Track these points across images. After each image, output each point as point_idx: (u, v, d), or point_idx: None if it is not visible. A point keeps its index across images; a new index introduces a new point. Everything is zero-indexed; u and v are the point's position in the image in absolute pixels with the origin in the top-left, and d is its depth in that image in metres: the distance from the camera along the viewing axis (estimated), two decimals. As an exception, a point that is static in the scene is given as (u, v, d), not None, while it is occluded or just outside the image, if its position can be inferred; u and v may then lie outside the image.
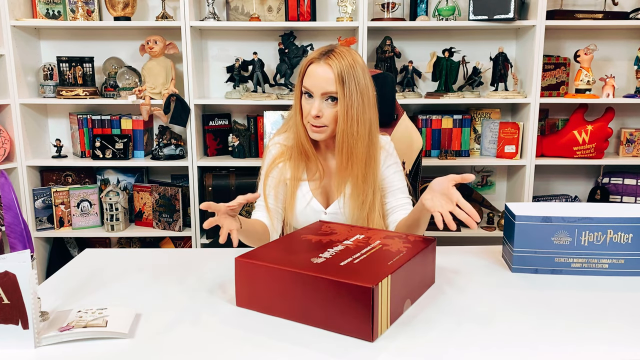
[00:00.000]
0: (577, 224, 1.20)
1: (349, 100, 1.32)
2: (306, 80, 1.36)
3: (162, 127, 2.71)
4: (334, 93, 1.33)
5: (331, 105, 1.35)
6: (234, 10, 2.68)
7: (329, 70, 1.32)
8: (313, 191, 1.45)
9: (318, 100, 1.34)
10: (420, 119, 2.71)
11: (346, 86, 1.31)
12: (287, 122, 1.51)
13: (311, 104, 1.35)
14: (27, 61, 2.65)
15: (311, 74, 1.35)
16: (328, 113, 1.35)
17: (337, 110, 1.34)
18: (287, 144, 1.47)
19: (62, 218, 2.69)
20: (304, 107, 1.38)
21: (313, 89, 1.34)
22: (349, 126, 1.33)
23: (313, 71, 1.34)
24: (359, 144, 1.36)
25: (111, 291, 1.16)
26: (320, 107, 1.34)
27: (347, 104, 1.32)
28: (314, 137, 1.39)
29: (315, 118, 1.34)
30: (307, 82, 1.35)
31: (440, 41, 2.76)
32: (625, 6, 2.69)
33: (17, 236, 1.01)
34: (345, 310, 0.93)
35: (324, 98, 1.34)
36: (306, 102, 1.37)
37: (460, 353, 0.89)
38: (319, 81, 1.33)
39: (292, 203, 1.45)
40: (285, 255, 1.07)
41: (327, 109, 1.35)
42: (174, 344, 0.92)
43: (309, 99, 1.36)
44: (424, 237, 1.19)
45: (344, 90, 1.32)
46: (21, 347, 0.89)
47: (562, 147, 2.66)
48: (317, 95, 1.34)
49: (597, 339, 0.93)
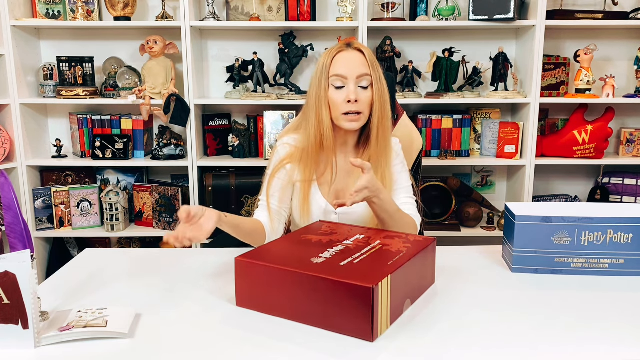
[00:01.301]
0: (577, 224, 1.20)
1: (380, 84, 1.38)
2: (337, 69, 1.36)
3: (162, 127, 2.71)
4: (368, 76, 1.37)
5: (363, 92, 1.37)
6: (234, 10, 2.68)
7: (360, 54, 1.38)
8: (324, 193, 1.45)
9: (352, 85, 1.36)
10: (420, 119, 2.71)
11: (376, 70, 1.38)
12: (299, 124, 1.49)
13: (343, 93, 1.36)
14: (27, 61, 2.65)
15: (342, 61, 1.37)
16: (363, 98, 1.37)
17: (370, 96, 1.37)
18: (297, 145, 1.45)
19: (62, 218, 2.69)
20: (335, 99, 1.37)
21: (348, 73, 1.35)
22: (384, 110, 1.39)
23: (344, 58, 1.37)
24: (389, 128, 1.42)
25: (111, 291, 1.16)
26: (356, 91, 1.36)
27: (379, 88, 1.38)
28: (350, 126, 1.38)
29: (354, 102, 1.35)
30: (340, 69, 1.36)
31: (440, 41, 2.76)
32: (625, 6, 2.69)
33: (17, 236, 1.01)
34: (345, 310, 0.93)
35: (358, 84, 1.36)
36: (337, 93, 1.37)
37: (460, 353, 0.89)
38: (353, 64, 1.36)
39: (303, 206, 1.43)
40: (286, 255, 1.07)
41: (361, 94, 1.37)
42: (174, 344, 0.92)
43: (338, 89, 1.37)
44: (424, 237, 1.19)
45: (375, 74, 1.38)
46: (21, 347, 0.89)
47: (562, 147, 2.66)
48: (352, 79, 1.36)
49: (597, 339, 0.93)
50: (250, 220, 1.38)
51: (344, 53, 1.38)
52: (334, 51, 1.39)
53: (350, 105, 1.35)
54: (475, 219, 2.72)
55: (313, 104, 1.40)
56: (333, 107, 1.38)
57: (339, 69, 1.36)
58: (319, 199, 1.44)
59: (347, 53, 1.37)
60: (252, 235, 1.35)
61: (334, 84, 1.37)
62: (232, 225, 1.27)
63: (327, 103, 1.38)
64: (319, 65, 1.40)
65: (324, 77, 1.38)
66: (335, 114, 1.38)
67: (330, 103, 1.38)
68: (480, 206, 2.77)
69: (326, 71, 1.38)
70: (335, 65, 1.37)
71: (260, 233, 1.38)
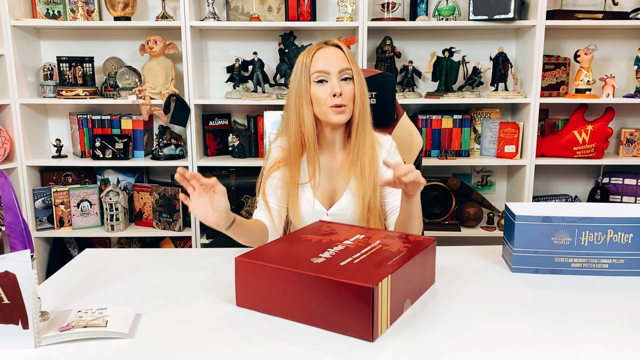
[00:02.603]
0: (577, 224, 1.20)
1: (359, 78, 1.40)
2: (319, 65, 1.38)
3: (162, 127, 2.71)
4: (349, 70, 1.38)
5: (345, 85, 1.39)
6: (234, 10, 2.68)
7: (338, 50, 1.40)
8: (315, 193, 1.45)
9: (335, 79, 1.37)
10: (420, 119, 2.71)
11: (355, 65, 1.40)
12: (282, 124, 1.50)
13: (328, 88, 1.37)
14: (27, 61, 2.65)
15: (323, 57, 1.38)
16: (347, 91, 1.38)
17: (352, 89, 1.39)
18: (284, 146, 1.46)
19: (62, 218, 2.69)
20: (318, 94, 1.38)
21: (330, 68, 1.37)
22: (364, 101, 1.41)
23: (324, 54, 1.39)
24: (368, 122, 1.43)
25: (111, 291, 1.16)
26: (340, 84, 1.37)
27: (359, 81, 1.40)
28: (337, 119, 1.38)
29: (339, 96, 1.36)
30: (321, 65, 1.37)
31: (440, 41, 2.76)
32: (625, 6, 2.69)
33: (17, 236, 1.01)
34: (345, 310, 0.93)
35: (340, 77, 1.38)
36: (320, 88, 1.38)
37: (460, 353, 0.89)
38: (334, 60, 1.38)
39: (295, 208, 1.44)
40: (286, 255, 1.07)
41: (344, 87, 1.38)
42: (174, 344, 0.92)
43: (321, 84, 1.38)
44: (424, 237, 1.19)
45: (355, 68, 1.40)
46: (21, 347, 0.89)
47: (562, 147, 2.66)
48: (334, 74, 1.37)
49: (597, 339, 0.93)
50: (255, 223, 1.39)
51: (324, 50, 1.40)
52: (313, 50, 1.40)
53: (336, 98, 1.36)
54: (475, 219, 2.72)
55: (293, 104, 1.41)
56: (317, 103, 1.38)
57: (320, 65, 1.37)
58: (310, 199, 1.44)
59: (327, 49, 1.40)
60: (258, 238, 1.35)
61: (316, 80, 1.38)
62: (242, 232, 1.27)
63: (309, 100, 1.39)
64: (297, 65, 1.41)
65: (304, 76, 1.39)
66: (322, 109, 1.38)
67: (313, 100, 1.39)
68: (480, 206, 2.77)
69: (307, 69, 1.39)
70: (316, 62, 1.38)
71: (264, 234, 1.39)
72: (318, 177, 1.45)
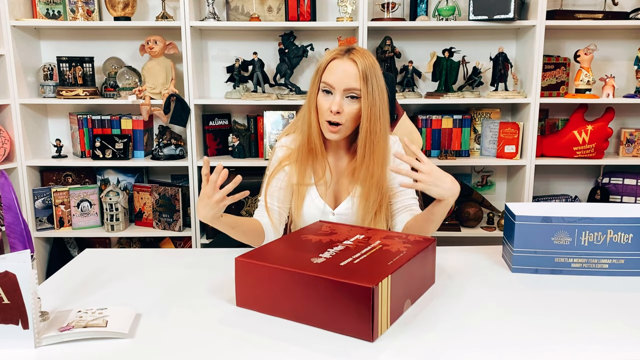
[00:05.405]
0: (577, 224, 1.20)
1: (371, 98, 1.33)
2: (328, 76, 1.35)
3: (162, 127, 2.71)
4: (357, 90, 1.33)
5: (350, 103, 1.35)
6: (234, 10, 2.68)
7: (353, 66, 1.33)
8: (321, 194, 1.45)
9: (339, 96, 1.33)
10: (420, 119, 2.71)
11: (369, 84, 1.33)
12: (295, 123, 1.50)
13: (330, 101, 1.34)
14: (27, 61, 2.65)
15: (334, 70, 1.34)
16: (348, 110, 1.34)
17: (357, 108, 1.35)
18: (293, 146, 1.46)
19: (62, 218, 2.69)
20: (322, 104, 1.36)
21: (336, 84, 1.33)
22: (372, 124, 1.35)
23: (336, 66, 1.34)
24: (380, 142, 1.38)
25: (111, 291, 1.16)
26: (341, 103, 1.33)
27: (370, 102, 1.33)
28: (329, 137, 1.38)
29: (335, 114, 1.33)
30: (329, 78, 1.34)
31: (440, 41, 2.76)
32: (625, 6, 2.69)
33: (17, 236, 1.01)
34: (345, 310, 0.93)
35: (345, 95, 1.34)
36: (324, 99, 1.36)
37: (460, 353, 0.89)
38: (343, 76, 1.33)
39: (300, 207, 1.44)
40: (286, 255, 1.07)
41: (346, 105, 1.34)
42: (174, 344, 0.92)
43: (327, 95, 1.36)
44: (424, 237, 1.19)
45: (367, 87, 1.33)
46: (21, 347, 0.89)
47: (562, 147, 2.66)
48: (338, 90, 1.33)
49: (597, 339, 0.93)
50: (250, 222, 1.38)
51: (338, 61, 1.35)
52: (332, 55, 1.37)
53: (332, 115, 1.34)
54: (475, 219, 2.72)
55: (307, 105, 1.41)
56: (320, 112, 1.38)
57: (329, 77, 1.35)
58: (316, 200, 1.44)
59: (341, 62, 1.34)
60: (253, 236, 1.35)
61: (323, 89, 1.36)
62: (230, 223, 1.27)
63: (315, 106, 1.38)
64: (317, 66, 1.40)
65: (317, 80, 1.38)
66: (321, 119, 1.38)
67: (318, 106, 1.38)
68: (480, 206, 2.77)
69: (318, 75, 1.37)
70: (327, 72, 1.36)
71: (258, 233, 1.38)
72: (329, 178, 1.45)
